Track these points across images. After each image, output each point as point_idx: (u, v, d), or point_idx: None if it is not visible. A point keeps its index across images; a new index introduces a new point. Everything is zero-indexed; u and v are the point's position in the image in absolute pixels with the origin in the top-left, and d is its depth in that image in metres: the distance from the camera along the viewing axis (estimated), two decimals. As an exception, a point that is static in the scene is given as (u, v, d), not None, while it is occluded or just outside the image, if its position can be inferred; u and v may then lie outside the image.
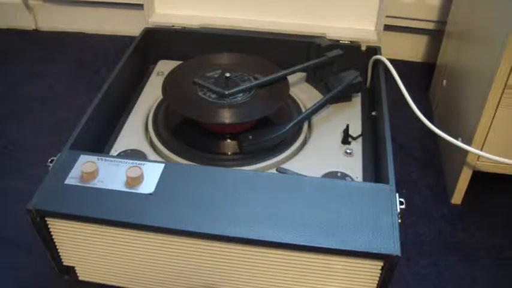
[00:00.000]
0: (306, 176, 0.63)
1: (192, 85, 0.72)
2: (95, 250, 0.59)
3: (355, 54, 0.83)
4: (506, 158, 0.71)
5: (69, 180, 0.57)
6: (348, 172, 0.65)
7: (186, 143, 0.69)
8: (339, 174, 0.65)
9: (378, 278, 0.54)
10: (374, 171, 0.68)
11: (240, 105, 0.69)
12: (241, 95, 0.71)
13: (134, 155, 0.68)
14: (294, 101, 0.78)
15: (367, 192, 0.56)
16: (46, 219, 0.57)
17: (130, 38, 0.87)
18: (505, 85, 0.66)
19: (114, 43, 1.19)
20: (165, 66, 0.86)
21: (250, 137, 0.68)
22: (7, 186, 0.82)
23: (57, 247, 0.60)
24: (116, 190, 0.56)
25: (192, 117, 0.67)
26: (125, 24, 1.20)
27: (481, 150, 0.71)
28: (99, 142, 0.71)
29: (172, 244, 0.56)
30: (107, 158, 0.60)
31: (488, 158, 0.71)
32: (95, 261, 0.60)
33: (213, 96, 0.70)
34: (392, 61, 0.79)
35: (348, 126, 0.70)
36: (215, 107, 0.69)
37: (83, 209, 0.54)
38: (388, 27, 1.02)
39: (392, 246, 0.51)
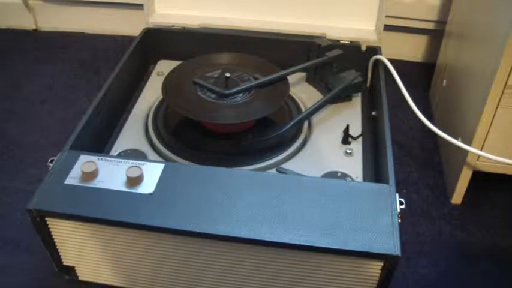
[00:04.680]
0: (306, 176, 0.63)
1: (192, 85, 0.72)
2: (95, 250, 0.59)
3: (355, 54, 0.83)
4: (506, 158, 0.71)
5: (69, 180, 0.57)
6: (348, 172, 0.65)
7: (186, 143, 0.69)
8: (339, 174, 0.65)
9: (377, 278, 0.54)
10: (374, 171, 0.68)
11: (240, 105, 0.69)
12: (241, 95, 0.71)
13: (134, 155, 0.68)
14: (294, 101, 0.78)
15: (367, 192, 0.56)
16: (46, 219, 0.57)
17: (130, 38, 0.87)
18: (505, 85, 0.66)
19: (114, 43, 1.19)
20: (165, 66, 0.86)
21: (250, 136, 0.68)
22: (7, 186, 0.82)
23: (57, 247, 0.60)
24: (116, 190, 0.56)
25: (192, 117, 0.67)
26: (125, 24, 1.20)
27: (481, 150, 0.71)
28: (99, 142, 0.71)
29: (172, 244, 0.56)
30: (107, 158, 0.60)
31: (488, 158, 0.71)
32: (95, 261, 0.60)
33: (213, 96, 0.70)
34: (392, 61, 0.79)
35: (348, 126, 0.70)
36: (215, 107, 0.69)
37: (83, 209, 0.54)
38: (388, 27, 1.02)
39: (392, 246, 0.51)
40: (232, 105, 0.69)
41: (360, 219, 0.53)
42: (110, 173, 0.58)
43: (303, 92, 0.81)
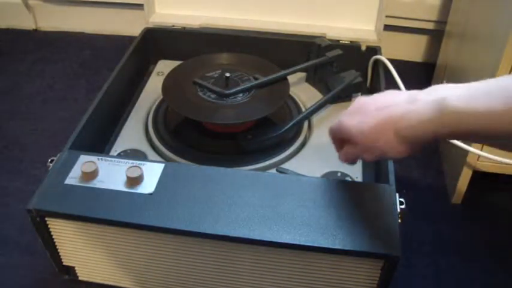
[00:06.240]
0: (306, 176, 0.63)
1: (192, 85, 0.72)
2: (95, 250, 0.59)
3: (355, 54, 0.83)
4: (506, 158, 0.71)
5: (69, 180, 0.57)
6: (348, 172, 0.65)
7: (186, 143, 0.69)
8: (339, 174, 0.65)
9: (377, 278, 0.54)
10: (374, 171, 0.68)
11: (240, 105, 0.69)
12: (241, 95, 0.71)
13: (134, 155, 0.68)
14: (294, 101, 0.78)
15: (367, 192, 0.56)
16: (46, 219, 0.57)
17: (130, 38, 0.87)
18: (505, 85, 0.66)
19: (114, 43, 1.19)
20: (165, 66, 0.86)
21: (250, 136, 0.68)
22: (7, 186, 0.82)
23: (57, 247, 0.60)
24: (116, 190, 0.56)
25: (192, 117, 0.67)
26: (125, 24, 1.20)
27: (481, 150, 0.71)
28: (99, 142, 0.71)
29: (172, 244, 0.56)
30: (107, 158, 0.60)
31: (488, 158, 0.71)
32: (95, 261, 0.60)
33: (213, 96, 0.70)
34: (392, 61, 0.79)
35: (348, 126, 0.70)
36: (215, 107, 0.69)
37: (83, 209, 0.54)
38: (388, 27, 1.02)
39: (393, 246, 0.51)
40: (232, 105, 0.69)
41: (360, 219, 0.53)
42: (110, 173, 0.58)
43: (303, 92, 0.81)
